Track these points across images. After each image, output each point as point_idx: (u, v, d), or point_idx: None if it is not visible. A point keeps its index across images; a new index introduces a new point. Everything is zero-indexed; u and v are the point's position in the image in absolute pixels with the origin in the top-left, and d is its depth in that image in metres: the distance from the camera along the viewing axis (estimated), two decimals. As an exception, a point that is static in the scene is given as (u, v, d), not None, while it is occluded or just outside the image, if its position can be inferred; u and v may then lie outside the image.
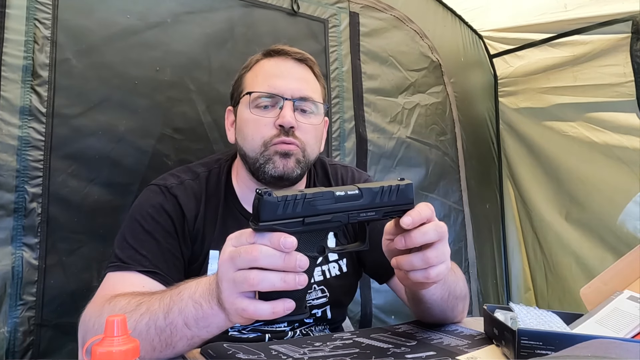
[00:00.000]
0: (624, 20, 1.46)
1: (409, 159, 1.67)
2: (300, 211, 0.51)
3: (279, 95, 0.82)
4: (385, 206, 0.57)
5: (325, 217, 0.53)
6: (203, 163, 0.92)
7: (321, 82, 0.91)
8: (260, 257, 0.49)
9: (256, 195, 0.50)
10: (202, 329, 0.57)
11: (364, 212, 0.56)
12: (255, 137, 0.83)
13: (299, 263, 0.50)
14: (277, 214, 0.50)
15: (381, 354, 0.62)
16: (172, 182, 0.85)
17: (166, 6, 1.25)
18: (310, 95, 0.85)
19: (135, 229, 0.79)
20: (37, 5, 1.09)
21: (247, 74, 0.89)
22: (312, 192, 0.52)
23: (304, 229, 0.52)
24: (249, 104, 0.84)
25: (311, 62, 0.89)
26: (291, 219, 0.51)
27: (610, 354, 0.48)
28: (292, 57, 0.87)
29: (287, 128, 0.81)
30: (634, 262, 0.84)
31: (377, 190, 0.56)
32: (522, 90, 1.87)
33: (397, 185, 0.57)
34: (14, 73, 1.06)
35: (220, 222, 0.85)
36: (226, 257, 0.52)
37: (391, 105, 1.66)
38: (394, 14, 1.70)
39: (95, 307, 0.66)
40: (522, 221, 1.89)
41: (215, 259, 0.82)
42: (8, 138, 1.04)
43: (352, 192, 0.55)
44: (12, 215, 1.03)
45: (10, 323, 1.01)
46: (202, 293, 0.57)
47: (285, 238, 0.49)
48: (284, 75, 0.85)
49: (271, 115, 0.83)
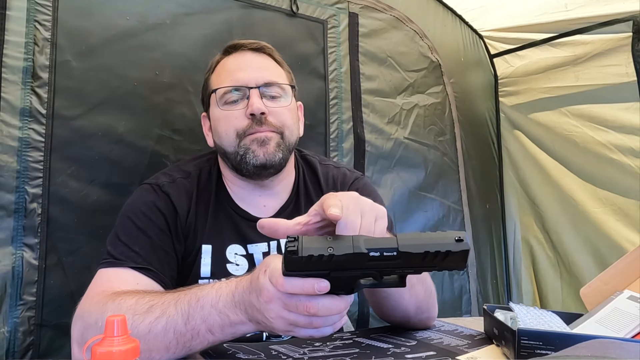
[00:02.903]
0: (625, 20, 1.46)
1: (407, 160, 1.67)
2: (327, 267, 0.49)
3: (244, 85, 0.83)
4: (426, 267, 0.49)
5: (354, 272, 0.50)
6: (194, 162, 0.92)
7: (284, 68, 0.91)
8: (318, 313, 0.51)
9: (284, 252, 0.49)
10: (227, 335, 0.59)
11: (400, 269, 0.50)
12: (228, 131, 0.83)
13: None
14: (303, 268, 0.49)
15: (381, 354, 0.62)
16: (164, 180, 0.85)
17: (165, 8, 1.26)
18: (274, 80, 0.86)
19: (128, 226, 0.79)
20: (37, 7, 1.09)
21: (212, 76, 0.90)
22: (341, 250, 0.48)
23: (331, 279, 0.49)
24: (217, 102, 0.85)
25: (269, 50, 0.90)
26: (317, 272, 0.49)
27: (610, 354, 0.48)
28: (249, 48, 0.88)
29: (258, 115, 0.81)
30: (634, 262, 0.84)
31: (420, 255, 0.48)
32: (523, 90, 1.86)
33: (447, 251, 0.47)
34: (15, 75, 1.06)
35: (212, 217, 0.85)
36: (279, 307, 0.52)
37: (389, 106, 1.66)
38: (394, 14, 1.70)
39: (95, 302, 0.66)
40: (529, 221, 1.87)
41: (208, 253, 0.83)
42: (8, 139, 1.05)
43: (389, 253, 0.48)
44: (12, 215, 1.03)
45: (11, 323, 1.01)
46: (226, 304, 0.58)
47: (319, 283, 0.49)
48: (244, 67, 0.86)
49: (240, 107, 0.83)
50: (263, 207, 0.88)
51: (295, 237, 0.49)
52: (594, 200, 1.60)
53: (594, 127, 1.59)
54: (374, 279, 0.51)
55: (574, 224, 1.67)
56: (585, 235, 1.63)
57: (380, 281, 0.52)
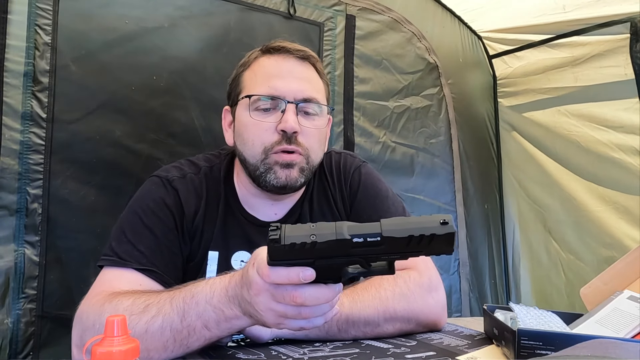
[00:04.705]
0: (623, 22, 1.46)
1: (394, 163, 1.69)
2: (310, 255, 0.48)
3: (280, 97, 0.78)
4: (412, 252, 0.48)
5: (339, 259, 0.48)
6: (205, 158, 0.89)
7: (324, 79, 0.86)
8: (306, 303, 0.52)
9: (268, 238, 0.48)
10: (224, 330, 0.59)
11: (386, 255, 0.49)
12: (255, 142, 0.78)
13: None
14: (286, 257, 0.48)
15: (381, 354, 0.62)
16: (175, 174, 0.82)
17: (164, 11, 1.27)
18: (313, 96, 0.80)
19: (135, 222, 0.76)
20: (38, 12, 1.11)
21: (245, 73, 0.84)
22: (323, 237, 0.47)
23: (316, 268, 0.49)
24: (248, 107, 0.79)
25: (314, 59, 0.84)
26: (301, 260, 0.49)
27: (610, 354, 0.48)
28: (294, 55, 0.81)
29: (289, 133, 0.76)
30: (634, 262, 0.84)
31: (404, 239, 0.46)
32: (521, 91, 1.87)
33: (432, 234, 0.46)
34: (16, 79, 1.08)
35: (221, 223, 0.83)
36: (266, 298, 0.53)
37: (380, 109, 1.67)
38: (392, 16, 1.70)
39: (93, 304, 0.65)
40: (530, 222, 1.87)
41: (214, 260, 0.81)
42: (10, 142, 1.08)
43: (373, 239, 0.47)
44: (14, 215, 1.09)
45: (13, 315, 1.07)
46: (220, 299, 0.58)
47: (304, 272, 0.49)
48: (285, 75, 0.79)
49: (272, 119, 0.78)
50: (274, 215, 0.86)
51: (277, 226, 0.48)
52: (595, 199, 1.60)
53: (595, 126, 1.59)
54: (362, 267, 0.51)
55: (575, 223, 1.67)
56: (588, 234, 1.62)
57: (369, 269, 0.51)
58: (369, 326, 0.70)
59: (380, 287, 0.73)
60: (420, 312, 0.74)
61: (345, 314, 0.68)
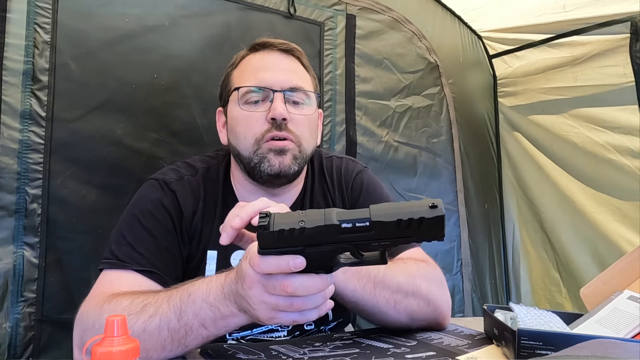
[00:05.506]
0: (623, 21, 1.46)
1: (398, 162, 1.68)
2: (300, 242, 0.48)
3: (268, 87, 0.80)
4: (403, 237, 0.48)
5: (328, 246, 0.48)
6: (202, 159, 0.90)
7: (310, 73, 0.89)
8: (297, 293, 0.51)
9: (256, 227, 0.48)
10: (220, 329, 0.59)
11: (376, 242, 0.48)
12: (247, 134, 0.80)
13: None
14: (276, 244, 0.48)
15: (381, 354, 0.62)
16: (172, 177, 0.83)
17: (164, 10, 1.26)
18: (300, 85, 0.83)
19: (134, 225, 0.77)
20: (37, 10, 1.10)
21: (234, 72, 0.87)
22: (312, 223, 0.47)
23: (306, 255, 0.48)
24: (238, 101, 0.81)
25: (298, 52, 0.87)
26: (291, 247, 0.48)
27: (610, 354, 0.48)
28: (278, 49, 0.85)
29: (279, 121, 0.78)
30: (634, 262, 0.84)
31: (393, 223, 0.46)
32: (521, 91, 1.87)
33: (421, 217, 0.46)
34: (15, 77, 1.08)
35: (219, 222, 0.81)
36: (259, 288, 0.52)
37: (382, 108, 1.66)
38: (392, 16, 1.70)
39: (93, 305, 0.66)
40: (528, 222, 1.87)
41: (213, 259, 0.82)
42: (9, 141, 1.07)
43: (361, 224, 0.46)
44: (13, 215, 1.07)
45: (12, 319, 1.04)
46: (216, 296, 0.58)
47: (294, 260, 0.48)
48: (271, 68, 0.82)
49: (262, 109, 0.80)
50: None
51: (267, 214, 0.48)
52: (592, 201, 1.60)
53: (592, 127, 1.60)
54: (353, 256, 0.50)
55: (572, 224, 1.67)
56: (584, 236, 1.63)
57: (360, 259, 0.51)
58: (399, 294, 0.70)
59: (406, 264, 0.75)
60: (438, 298, 0.76)
61: (382, 273, 0.69)
